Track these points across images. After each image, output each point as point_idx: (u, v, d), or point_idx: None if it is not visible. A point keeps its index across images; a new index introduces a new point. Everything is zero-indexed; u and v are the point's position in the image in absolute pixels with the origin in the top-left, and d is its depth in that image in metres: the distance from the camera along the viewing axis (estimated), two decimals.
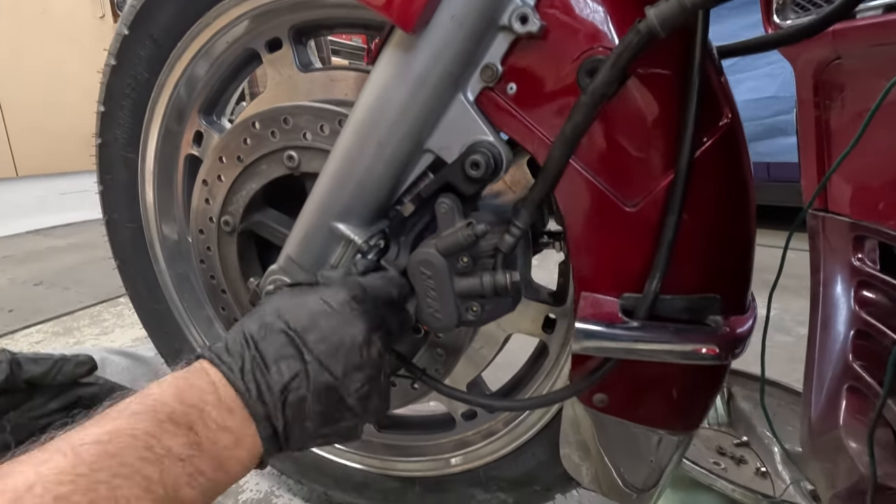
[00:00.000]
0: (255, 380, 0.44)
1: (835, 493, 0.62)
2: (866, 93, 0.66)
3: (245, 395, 0.44)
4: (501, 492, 0.82)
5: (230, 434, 0.42)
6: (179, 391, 0.42)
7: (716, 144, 0.50)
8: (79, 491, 0.32)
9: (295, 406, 0.46)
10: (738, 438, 1.12)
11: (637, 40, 0.43)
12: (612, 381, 0.60)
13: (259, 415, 0.44)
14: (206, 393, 0.43)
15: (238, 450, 0.42)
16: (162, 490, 0.36)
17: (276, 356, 0.46)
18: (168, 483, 0.37)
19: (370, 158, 0.57)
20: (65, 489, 0.32)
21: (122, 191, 0.91)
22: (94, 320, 1.96)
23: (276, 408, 0.45)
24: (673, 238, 0.50)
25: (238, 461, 0.43)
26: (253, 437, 0.44)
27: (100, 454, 0.35)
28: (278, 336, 0.47)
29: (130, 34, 0.78)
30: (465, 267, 0.57)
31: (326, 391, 0.47)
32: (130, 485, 0.34)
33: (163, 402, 0.40)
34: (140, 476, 0.35)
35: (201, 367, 0.45)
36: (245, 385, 0.44)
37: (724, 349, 0.51)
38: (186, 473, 0.38)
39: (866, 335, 0.72)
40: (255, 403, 0.44)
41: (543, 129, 0.53)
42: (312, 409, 0.46)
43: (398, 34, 0.52)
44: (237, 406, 0.43)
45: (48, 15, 3.45)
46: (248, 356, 0.45)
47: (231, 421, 0.42)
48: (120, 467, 0.35)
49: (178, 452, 0.38)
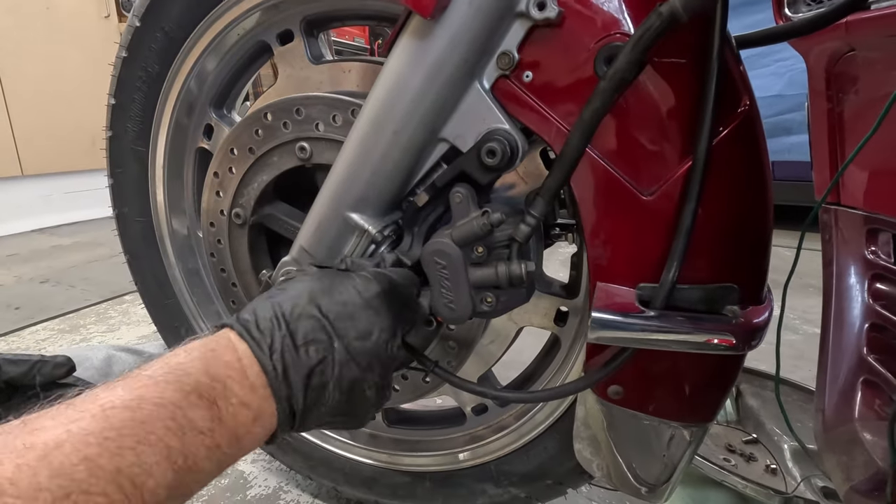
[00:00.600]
0: (282, 360, 0.45)
1: (852, 486, 0.62)
2: (881, 84, 0.66)
3: (271, 374, 0.44)
4: (513, 486, 0.82)
5: (250, 411, 0.42)
6: (206, 363, 0.42)
7: (733, 132, 0.49)
8: (105, 454, 0.33)
9: (316, 391, 0.46)
10: (748, 435, 1.11)
11: (659, 23, 0.43)
12: (628, 373, 0.60)
13: (281, 395, 0.44)
14: (232, 367, 0.43)
15: (255, 426, 0.43)
16: (182, 460, 0.37)
17: (306, 339, 0.46)
18: (188, 454, 0.37)
19: (385, 146, 0.56)
20: (92, 451, 0.33)
21: (132, 184, 0.91)
22: (101, 318, 1.97)
23: (299, 390, 0.45)
24: (690, 227, 0.50)
25: (253, 437, 0.43)
26: (271, 415, 0.44)
27: (127, 420, 0.35)
28: (310, 319, 0.47)
29: (142, 26, 0.78)
30: (480, 257, 0.56)
31: (349, 381, 0.47)
32: (154, 452, 0.35)
33: (189, 373, 0.41)
34: (163, 444, 0.36)
35: (228, 339, 0.45)
36: (272, 364, 0.44)
37: (740, 339, 0.51)
38: (205, 446, 0.39)
39: (881, 328, 0.71)
40: (279, 383, 0.44)
41: (560, 117, 0.53)
42: (332, 396, 0.47)
43: (415, 21, 0.52)
44: (261, 383, 0.43)
45: (53, 14, 3.46)
46: (278, 335, 0.45)
47: (252, 398, 0.43)
48: (146, 435, 0.35)
49: (200, 426, 0.39)
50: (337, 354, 0.47)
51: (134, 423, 0.36)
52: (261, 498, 1.04)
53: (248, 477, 1.09)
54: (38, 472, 0.31)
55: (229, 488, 1.06)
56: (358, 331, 0.48)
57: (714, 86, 0.47)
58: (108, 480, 0.33)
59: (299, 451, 0.97)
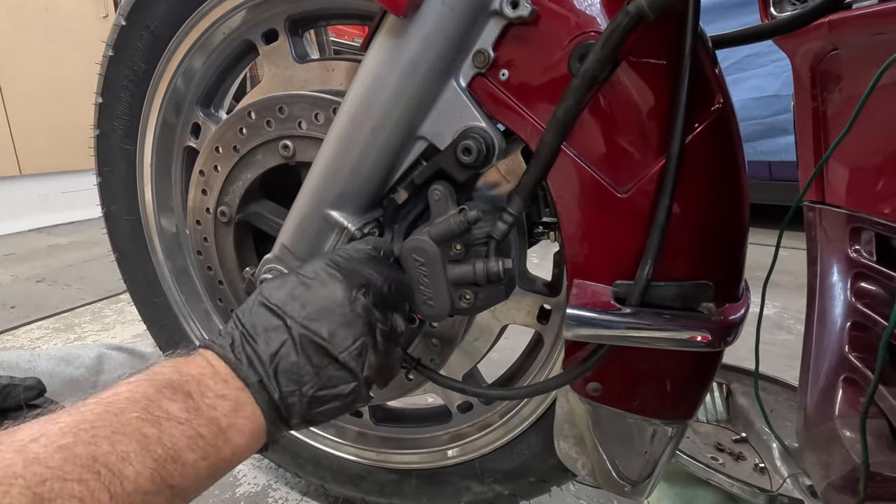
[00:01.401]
0: (244, 352, 0.47)
1: (829, 483, 0.62)
2: (863, 83, 0.66)
3: (235, 365, 0.46)
4: (497, 483, 0.82)
5: (228, 401, 0.43)
6: (177, 365, 0.44)
7: (707, 130, 0.50)
8: (80, 443, 0.34)
9: (288, 372, 0.47)
10: (737, 434, 1.11)
11: (626, 22, 0.44)
12: (606, 370, 0.60)
13: (252, 381, 0.45)
14: (202, 367, 0.45)
15: (237, 417, 0.43)
16: (161, 449, 0.37)
17: (263, 328, 0.48)
18: (167, 444, 0.38)
19: (364, 144, 0.57)
20: (67, 440, 0.34)
21: (120, 183, 0.91)
22: (95, 316, 1.97)
23: (269, 375, 0.46)
24: (664, 224, 0.50)
25: (239, 430, 0.43)
26: (252, 405, 0.45)
27: (101, 413, 0.37)
28: (261, 311, 0.49)
29: (128, 25, 0.78)
30: (458, 254, 0.57)
31: (316, 352, 0.48)
32: (129, 440, 0.36)
33: (161, 372, 0.43)
34: (139, 434, 0.37)
35: (197, 353, 0.47)
36: (235, 356, 0.46)
37: (716, 336, 0.51)
38: (186, 436, 0.39)
39: (862, 326, 0.71)
40: (246, 371, 0.46)
41: (535, 115, 0.53)
42: (306, 371, 0.47)
43: (390, 20, 0.52)
44: (231, 377, 0.45)
45: (52, 14, 3.47)
46: (237, 334, 0.48)
47: (227, 389, 0.44)
48: (120, 425, 0.36)
49: (176, 416, 0.40)
50: (293, 332, 0.47)
51: (108, 414, 0.37)
52: (250, 495, 1.04)
53: (237, 475, 1.10)
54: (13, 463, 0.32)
55: (218, 485, 1.06)
56: (308, 306, 0.49)
57: (686, 84, 0.47)
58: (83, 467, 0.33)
59: (287, 448, 0.97)
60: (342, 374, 0.49)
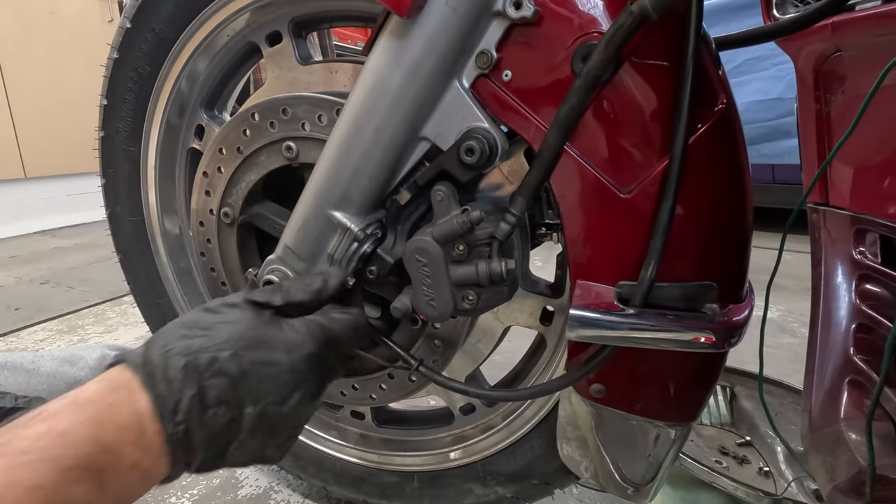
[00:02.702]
0: (186, 422, 0.42)
1: (835, 486, 0.61)
2: (867, 84, 0.66)
3: (171, 439, 0.41)
4: (500, 486, 0.82)
5: (139, 471, 0.41)
6: (99, 428, 0.39)
7: (710, 130, 0.50)
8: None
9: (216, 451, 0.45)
10: (741, 438, 1.11)
11: (629, 22, 0.44)
12: (609, 371, 0.60)
13: (180, 460, 0.43)
14: (127, 430, 0.40)
15: (144, 483, 0.41)
16: None
17: (218, 400, 0.43)
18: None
19: (367, 145, 0.57)
20: None
21: (124, 184, 0.92)
22: (99, 319, 1.98)
23: (198, 454, 0.43)
24: (668, 224, 0.50)
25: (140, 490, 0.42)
26: (164, 469, 0.42)
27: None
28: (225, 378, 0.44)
29: (133, 27, 0.78)
30: (461, 255, 0.57)
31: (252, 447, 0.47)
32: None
33: (73, 444, 0.38)
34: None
35: (129, 389, 0.42)
36: (174, 428, 0.41)
37: (720, 337, 0.50)
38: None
39: (867, 328, 0.71)
40: (179, 449, 0.42)
41: (538, 116, 0.53)
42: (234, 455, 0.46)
43: (393, 20, 0.53)
44: (157, 443, 0.41)
45: (57, 18, 3.50)
46: (187, 394, 0.42)
47: (146, 459, 0.41)
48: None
49: (80, 499, 0.37)
50: (246, 421, 0.45)
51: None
52: (251, 497, 1.04)
53: (238, 477, 1.10)
54: None
55: (220, 488, 1.06)
56: (276, 395, 0.46)
57: (689, 84, 0.47)
58: None
59: (290, 451, 0.97)
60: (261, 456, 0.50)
